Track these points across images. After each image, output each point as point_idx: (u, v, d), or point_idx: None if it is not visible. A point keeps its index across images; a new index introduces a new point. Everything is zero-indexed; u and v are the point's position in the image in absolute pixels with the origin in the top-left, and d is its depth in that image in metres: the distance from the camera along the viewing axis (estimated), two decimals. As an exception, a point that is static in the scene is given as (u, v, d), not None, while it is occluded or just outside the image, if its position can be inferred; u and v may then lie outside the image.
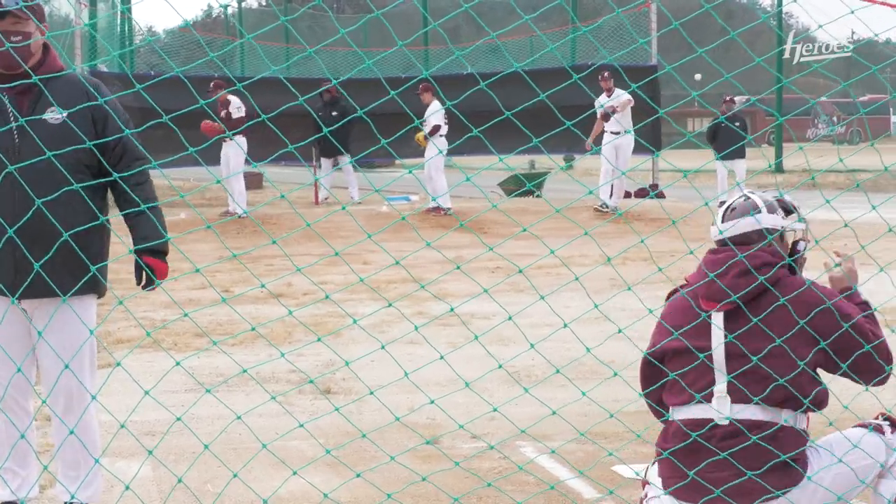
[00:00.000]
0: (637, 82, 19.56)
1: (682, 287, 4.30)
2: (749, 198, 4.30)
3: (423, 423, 6.71)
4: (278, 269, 13.40)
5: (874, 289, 4.95)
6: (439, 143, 18.67)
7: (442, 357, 4.60)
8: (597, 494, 5.58)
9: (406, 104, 4.86)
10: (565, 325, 4.48)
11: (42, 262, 4.52)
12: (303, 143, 4.92)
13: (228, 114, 18.66)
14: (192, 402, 7.17)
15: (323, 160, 20.90)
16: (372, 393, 4.85)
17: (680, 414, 4.17)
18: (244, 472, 5.34)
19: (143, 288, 4.90)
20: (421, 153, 19.50)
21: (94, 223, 4.64)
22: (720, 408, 4.06)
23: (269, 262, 14.18)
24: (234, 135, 18.07)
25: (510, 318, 4.67)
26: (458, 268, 4.28)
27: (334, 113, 20.16)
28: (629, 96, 18.58)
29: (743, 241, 4.23)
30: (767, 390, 3.99)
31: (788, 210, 4.32)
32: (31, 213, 4.50)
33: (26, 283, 4.60)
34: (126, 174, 4.76)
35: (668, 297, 4.37)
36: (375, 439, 5.73)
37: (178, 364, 4.72)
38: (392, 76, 23.44)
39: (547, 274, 12.55)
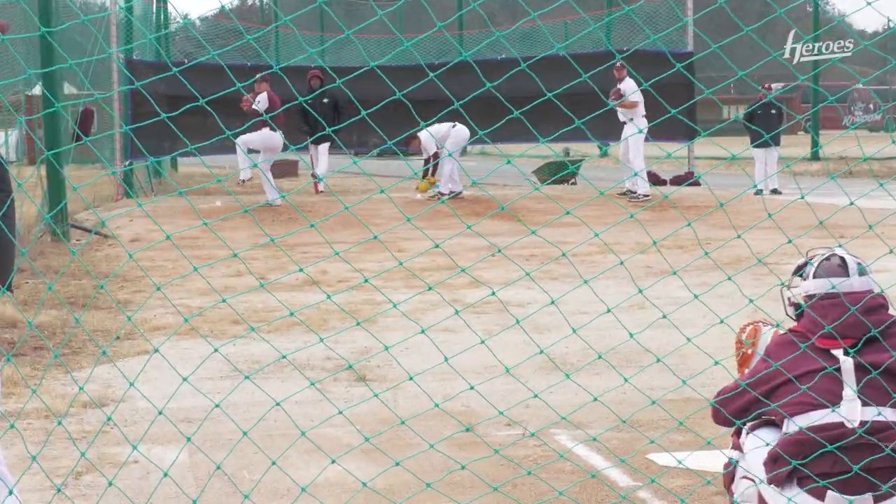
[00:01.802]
0: (671, 68, 19.45)
1: (791, 331, 4.45)
2: (857, 257, 4.53)
3: (457, 410, 6.70)
4: (313, 256, 13.42)
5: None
6: (450, 146, 19.09)
7: (483, 342, 4.58)
8: (632, 482, 5.55)
9: (439, 91, 4.82)
10: (609, 310, 4.45)
11: None
12: (340, 126, 4.87)
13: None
14: (228, 389, 7.18)
15: (312, 147, 20.73)
16: (411, 378, 4.84)
17: (805, 420, 4.25)
18: (280, 460, 5.34)
19: None
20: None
21: None
22: (850, 411, 4.19)
23: (304, 249, 14.19)
24: (251, 127, 18.00)
25: (553, 302, 4.64)
26: (500, 251, 4.25)
27: (325, 100, 20.07)
28: (636, 99, 18.49)
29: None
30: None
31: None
32: None
33: None
34: None
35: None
36: (411, 426, 5.72)
37: (216, 350, 4.72)
38: (426, 62, 23.40)
39: (581, 262, 12.51)
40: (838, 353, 4.27)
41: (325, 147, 20.61)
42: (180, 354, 8.34)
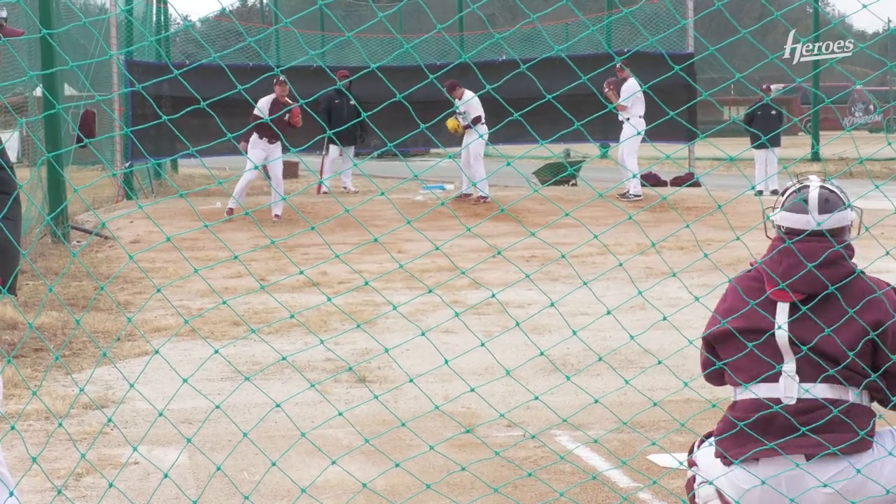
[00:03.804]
0: (672, 69, 19.39)
1: (750, 266, 4.31)
2: (834, 190, 4.24)
3: (458, 411, 6.70)
4: (313, 258, 13.42)
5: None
6: (481, 130, 18.61)
7: (483, 344, 4.58)
8: (633, 483, 5.55)
9: (439, 92, 4.82)
10: (608, 312, 4.45)
11: None
12: (342, 128, 4.86)
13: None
14: (228, 390, 7.18)
15: (332, 148, 20.70)
16: (412, 381, 4.84)
17: (746, 393, 4.19)
18: (280, 461, 5.34)
19: None
20: (453, 142, 19.46)
21: None
22: (788, 388, 4.11)
23: (305, 250, 14.20)
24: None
25: (552, 305, 4.64)
26: (500, 253, 4.25)
27: (351, 101, 20.06)
28: (633, 100, 18.52)
29: (834, 234, 4.20)
30: (832, 371, 4.06)
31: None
32: None
33: None
34: None
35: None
36: (411, 428, 5.72)
37: (216, 352, 4.72)
38: (427, 63, 23.40)
39: (582, 263, 12.51)
40: (784, 307, 4.13)
41: (351, 150, 20.74)
42: (180, 356, 8.34)
